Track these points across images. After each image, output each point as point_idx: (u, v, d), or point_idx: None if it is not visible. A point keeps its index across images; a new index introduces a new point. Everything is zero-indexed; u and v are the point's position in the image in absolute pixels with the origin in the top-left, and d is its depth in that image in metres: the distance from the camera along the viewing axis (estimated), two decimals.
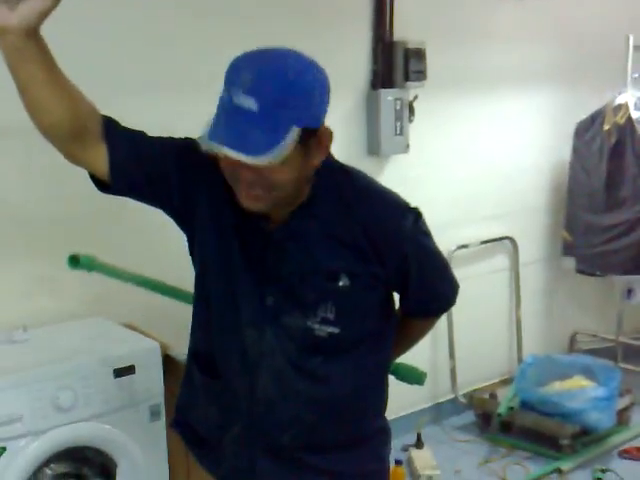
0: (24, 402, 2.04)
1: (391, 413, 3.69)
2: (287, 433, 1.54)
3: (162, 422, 2.29)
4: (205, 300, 1.58)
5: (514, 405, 3.48)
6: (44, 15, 1.32)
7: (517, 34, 3.76)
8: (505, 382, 3.83)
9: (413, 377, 2.14)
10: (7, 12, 1.31)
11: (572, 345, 4.33)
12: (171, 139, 1.55)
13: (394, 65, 3.27)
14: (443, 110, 3.56)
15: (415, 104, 3.37)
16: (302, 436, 1.54)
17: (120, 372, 2.19)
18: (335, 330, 1.48)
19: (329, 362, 1.51)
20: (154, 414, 2.26)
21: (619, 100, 3.75)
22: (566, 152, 4.01)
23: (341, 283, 1.46)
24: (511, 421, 3.53)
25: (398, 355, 1.83)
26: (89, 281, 2.57)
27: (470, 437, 3.61)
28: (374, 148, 3.34)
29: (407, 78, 3.29)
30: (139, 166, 1.49)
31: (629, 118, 3.73)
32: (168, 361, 2.32)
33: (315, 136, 1.38)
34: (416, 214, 1.54)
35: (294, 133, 1.30)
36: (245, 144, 1.27)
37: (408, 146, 3.39)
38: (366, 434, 1.64)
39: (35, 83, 1.36)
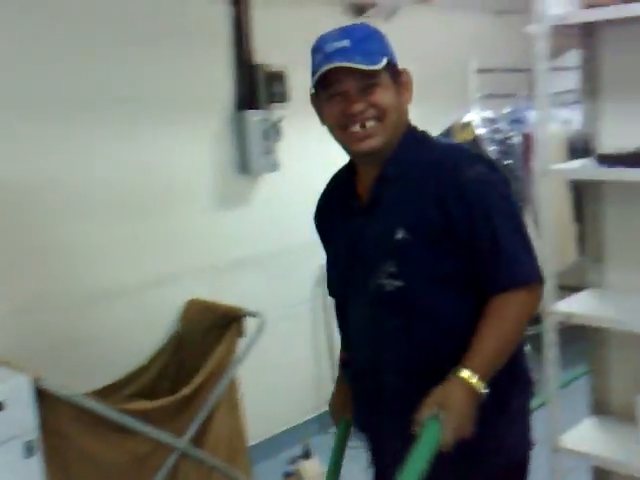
0: None
1: (277, 427, 3.80)
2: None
3: (38, 457, 2.24)
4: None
5: None
6: None
7: None
8: None
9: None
10: None
11: None
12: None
13: (257, 87, 3.35)
14: (309, 130, 3.61)
15: (282, 124, 3.46)
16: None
17: None
18: (400, 283, 1.55)
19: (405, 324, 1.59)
20: (29, 450, 2.22)
21: (466, 118, 3.98)
22: None
23: (399, 236, 1.54)
24: None
25: (493, 353, 1.52)
26: None
27: (356, 443, 3.69)
28: (245, 167, 3.41)
29: (271, 100, 3.38)
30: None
31: (475, 135, 3.94)
32: (44, 395, 2.28)
33: (400, 75, 1.60)
34: (490, 166, 1.56)
35: (385, 61, 1.54)
36: (351, 62, 1.51)
37: (278, 165, 3.48)
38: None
39: None
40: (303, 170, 3.69)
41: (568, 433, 2.32)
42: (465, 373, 1.46)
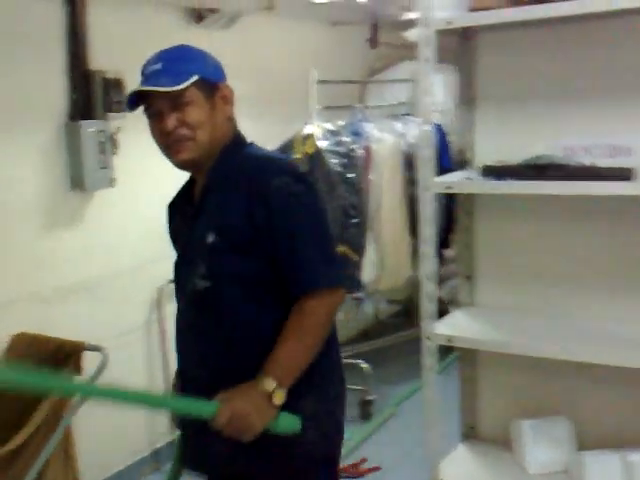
0: None
1: (109, 469, 3.43)
2: None
3: None
4: None
5: None
6: None
7: None
8: None
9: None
10: None
11: None
12: None
13: (94, 95, 3.04)
14: (146, 142, 3.37)
15: (119, 137, 3.18)
16: None
17: None
18: (208, 284, 1.69)
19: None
20: None
21: (306, 130, 3.81)
22: None
23: (210, 240, 1.68)
24: None
25: (288, 356, 1.66)
26: None
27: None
28: (78, 182, 3.08)
29: (108, 109, 3.08)
30: None
31: (317, 147, 3.79)
32: None
33: (217, 90, 1.74)
34: (297, 177, 1.70)
35: (194, 79, 1.69)
36: (157, 84, 1.68)
37: (114, 180, 3.19)
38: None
39: None
40: (141, 185, 3.41)
41: (443, 463, 2.22)
42: (267, 382, 1.60)
